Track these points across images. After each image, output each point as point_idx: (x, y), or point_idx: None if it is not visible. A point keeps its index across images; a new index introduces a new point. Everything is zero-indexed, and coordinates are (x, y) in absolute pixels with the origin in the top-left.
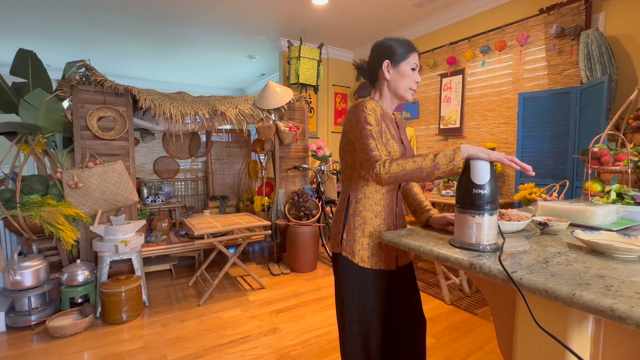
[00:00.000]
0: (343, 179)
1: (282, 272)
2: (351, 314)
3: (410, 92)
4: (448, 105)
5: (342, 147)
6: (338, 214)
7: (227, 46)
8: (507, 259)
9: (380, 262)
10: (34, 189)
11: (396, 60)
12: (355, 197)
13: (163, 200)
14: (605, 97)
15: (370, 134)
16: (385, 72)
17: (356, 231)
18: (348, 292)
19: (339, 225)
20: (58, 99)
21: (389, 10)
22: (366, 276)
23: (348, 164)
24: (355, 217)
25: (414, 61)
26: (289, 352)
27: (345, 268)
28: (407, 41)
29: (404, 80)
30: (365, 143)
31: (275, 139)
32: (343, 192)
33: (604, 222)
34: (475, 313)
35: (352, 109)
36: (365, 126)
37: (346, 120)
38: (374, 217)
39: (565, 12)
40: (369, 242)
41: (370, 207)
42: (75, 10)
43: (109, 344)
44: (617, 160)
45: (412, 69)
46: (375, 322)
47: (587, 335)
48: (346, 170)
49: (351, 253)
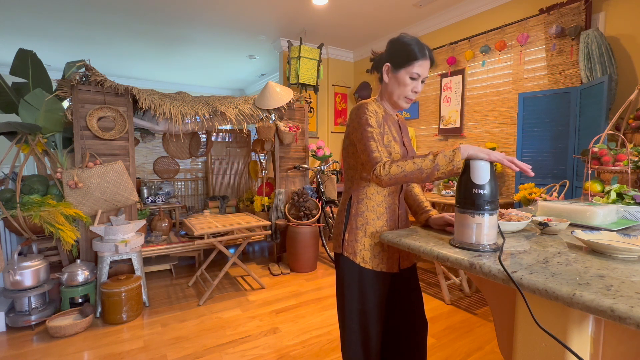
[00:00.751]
0: (345, 179)
1: (282, 272)
2: (352, 313)
3: (405, 101)
4: (448, 105)
5: (345, 148)
6: (340, 215)
7: (227, 46)
8: (507, 259)
9: (382, 264)
10: (34, 189)
11: (396, 65)
12: (357, 198)
13: (163, 200)
14: (605, 97)
15: (372, 135)
16: (384, 75)
17: (358, 231)
18: (349, 292)
19: (340, 225)
20: (58, 99)
21: (389, 10)
22: (367, 277)
23: (350, 165)
24: (357, 218)
25: (416, 70)
26: (289, 352)
27: (346, 268)
28: (417, 45)
29: (399, 88)
30: (366, 145)
31: (275, 139)
32: (345, 192)
33: (604, 222)
34: (475, 313)
35: (355, 110)
36: (367, 128)
37: (348, 121)
38: (376, 218)
39: (565, 12)
40: (371, 243)
41: (372, 208)
42: (75, 10)
43: (109, 344)
44: (617, 160)
45: (413, 79)
46: (376, 322)
47: (587, 335)
48: (348, 171)
49: (353, 253)
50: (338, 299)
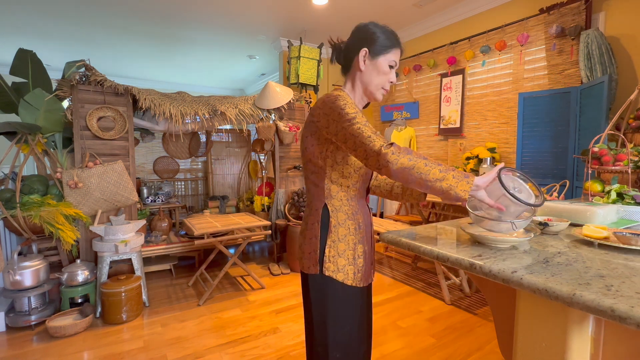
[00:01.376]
0: (310, 185)
1: (282, 272)
2: (335, 340)
3: (381, 92)
4: (448, 105)
5: (309, 147)
6: (312, 228)
7: (227, 46)
8: (507, 258)
9: (364, 278)
10: (33, 189)
11: (376, 51)
12: (333, 206)
13: (163, 200)
14: (605, 97)
15: (363, 122)
16: (361, 62)
17: (340, 244)
18: (332, 317)
19: (314, 241)
20: (58, 98)
21: (389, 10)
22: (354, 297)
23: (319, 166)
24: (338, 228)
25: (394, 58)
26: (289, 352)
27: (329, 290)
28: (393, 33)
29: (378, 76)
30: (360, 134)
31: (275, 138)
32: (315, 200)
33: (604, 222)
34: (475, 313)
35: (325, 103)
36: (354, 116)
37: (317, 117)
38: (357, 227)
39: (566, 12)
40: (354, 256)
41: (352, 216)
42: (75, 10)
43: (109, 344)
44: (617, 160)
45: (390, 67)
46: (358, 345)
47: (587, 335)
48: (314, 175)
49: (335, 271)
50: (315, 327)
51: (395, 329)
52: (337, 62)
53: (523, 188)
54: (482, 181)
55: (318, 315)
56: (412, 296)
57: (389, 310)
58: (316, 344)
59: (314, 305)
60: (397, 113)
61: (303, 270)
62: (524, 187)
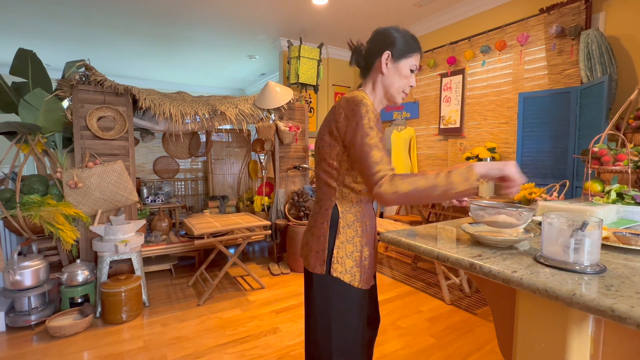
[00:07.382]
0: (321, 183)
1: (282, 272)
2: (340, 346)
3: (402, 96)
4: (448, 105)
5: (325, 146)
6: (321, 227)
7: (227, 46)
8: (507, 258)
9: (368, 280)
10: (33, 189)
11: (398, 55)
12: (344, 206)
13: (163, 200)
14: (605, 97)
15: (375, 143)
16: (383, 64)
17: (348, 245)
18: (338, 320)
19: (322, 240)
20: (58, 98)
21: (389, 10)
22: (357, 298)
23: (333, 167)
24: (347, 230)
25: (415, 62)
26: (289, 352)
27: (335, 291)
28: (414, 38)
29: (399, 79)
30: (369, 154)
31: (275, 138)
32: (325, 199)
33: (603, 222)
34: (475, 313)
35: (349, 105)
36: (369, 132)
37: (338, 116)
38: (365, 229)
39: (566, 12)
40: (361, 258)
41: (360, 218)
42: (75, 10)
43: (109, 344)
44: (617, 160)
45: (411, 71)
46: (361, 348)
47: (587, 335)
48: (324, 175)
49: (343, 272)
50: (321, 333)
51: (395, 329)
52: (357, 64)
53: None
54: (479, 163)
55: (322, 317)
56: (412, 296)
57: (389, 310)
58: (319, 347)
59: (318, 306)
60: (397, 113)
61: (308, 269)
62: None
